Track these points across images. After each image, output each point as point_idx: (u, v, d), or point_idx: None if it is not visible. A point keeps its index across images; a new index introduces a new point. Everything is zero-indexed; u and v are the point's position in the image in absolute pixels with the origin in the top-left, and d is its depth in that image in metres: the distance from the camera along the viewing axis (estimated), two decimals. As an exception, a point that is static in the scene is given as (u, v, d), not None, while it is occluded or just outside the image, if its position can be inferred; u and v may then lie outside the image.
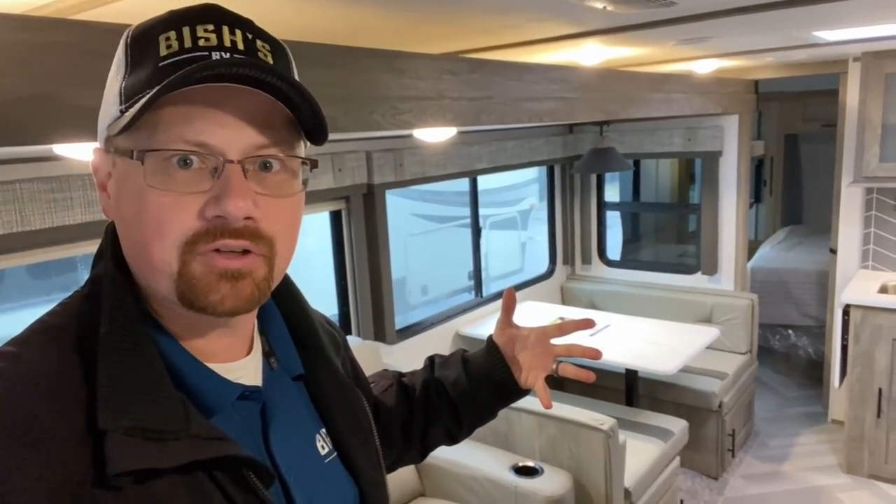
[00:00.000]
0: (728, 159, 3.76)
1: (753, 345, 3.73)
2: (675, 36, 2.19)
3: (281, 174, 0.59)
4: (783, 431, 3.81)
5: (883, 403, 3.13)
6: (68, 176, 1.73)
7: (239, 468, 0.58)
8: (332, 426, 0.73)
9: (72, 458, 0.51)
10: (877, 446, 3.19)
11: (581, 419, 2.28)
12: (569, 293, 4.26)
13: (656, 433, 2.76)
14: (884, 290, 3.31)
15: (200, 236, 0.55)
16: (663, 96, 2.71)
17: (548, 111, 1.92)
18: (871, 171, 3.26)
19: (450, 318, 3.47)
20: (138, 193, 0.55)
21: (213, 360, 0.62)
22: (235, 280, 0.57)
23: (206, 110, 0.55)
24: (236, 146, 0.56)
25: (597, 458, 2.25)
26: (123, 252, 0.60)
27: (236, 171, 0.56)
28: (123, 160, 0.57)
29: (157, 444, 0.53)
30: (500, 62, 1.77)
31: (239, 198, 0.55)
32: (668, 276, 4.08)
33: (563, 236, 4.25)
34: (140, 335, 0.58)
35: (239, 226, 0.56)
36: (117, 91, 0.57)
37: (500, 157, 3.51)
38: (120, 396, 0.54)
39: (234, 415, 0.63)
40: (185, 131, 0.55)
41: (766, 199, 6.35)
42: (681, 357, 2.86)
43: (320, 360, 0.75)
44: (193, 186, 0.55)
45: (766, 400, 4.19)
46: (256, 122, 0.57)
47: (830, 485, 3.24)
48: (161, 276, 0.57)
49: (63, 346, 0.56)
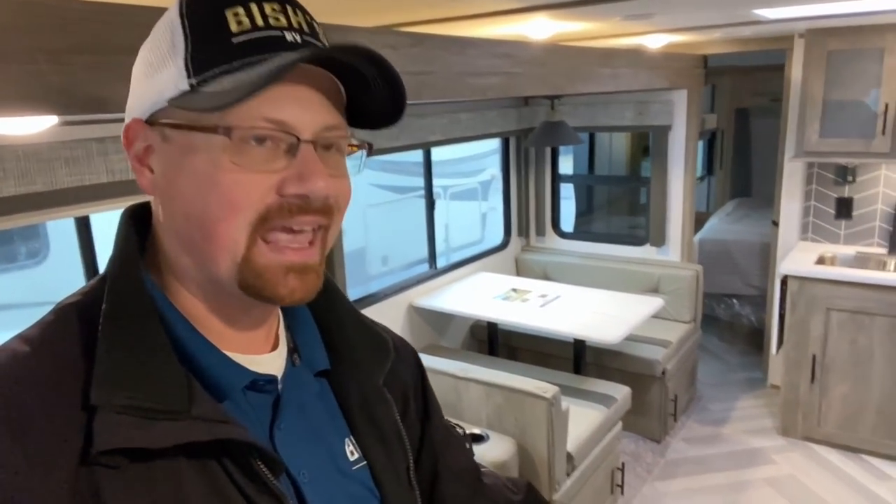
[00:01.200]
0: (677, 133, 3.83)
1: (697, 314, 3.87)
2: (620, 12, 2.22)
3: (337, 155, 0.61)
4: (724, 396, 3.98)
5: (816, 369, 3.29)
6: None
7: (245, 455, 0.57)
8: (357, 433, 0.71)
9: (70, 437, 0.51)
10: (810, 410, 3.36)
11: (525, 388, 2.36)
12: (523, 264, 4.33)
13: (600, 399, 2.86)
14: (821, 262, 3.46)
15: (274, 212, 0.55)
16: (611, 71, 2.74)
17: (491, 86, 1.93)
18: (811, 146, 3.37)
19: (404, 290, 3.50)
20: (210, 169, 0.55)
21: (229, 348, 0.61)
22: (303, 274, 0.58)
23: (284, 88, 0.55)
24: (310, 125, 0.57)
25: (540, 425, 2.33)
26: (168, 232, 0.59)
27: (311, 151, 0.56)
28: (186, 134, 0.55)
29: (150, 423, 0.53)
30: (442, 37, 1.78)
31: (321, 178, 0.56)
32: (619, 247, 4.18)
33: (517, 208, 4.30)
34: (145, 314, 0.57)
35: (320, 204, 0.57)
36: (182, 64, 0.55)
37: (453, 129, 3.52)
38: (117, 373, 0.53)
39: (244, 404, 0.61)
40: (264, 109, 0.54)
41: (716, 171, 6.51)
42: (625, 326, 2.96)
43: (348, 363, 0.72)
44: (269, 164, 0.55)
45: (710, 366, 4.36)
46: (326, 101, 0.58)
47: (766, 446, 3.41)
48: (225, 255, 0.56)
49: (72, 327, 0.56)
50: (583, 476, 2.56)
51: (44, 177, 1.77)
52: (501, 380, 2.41)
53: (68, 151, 1.82)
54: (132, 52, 1.06)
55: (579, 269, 4.08)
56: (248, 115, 0.54)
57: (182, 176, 0.56)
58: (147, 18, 1.05)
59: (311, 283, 0.59)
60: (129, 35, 1.05)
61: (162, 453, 0.53)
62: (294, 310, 0.71)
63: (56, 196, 1.82)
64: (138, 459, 0.52)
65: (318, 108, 0.57)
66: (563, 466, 2.44)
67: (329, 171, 0.58)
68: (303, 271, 0.58)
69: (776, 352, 3.57)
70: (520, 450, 2.36)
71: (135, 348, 0.55)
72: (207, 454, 0.55)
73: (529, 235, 4.41)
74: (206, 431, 0.54)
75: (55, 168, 1.78)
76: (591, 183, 6.01)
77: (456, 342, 3.84)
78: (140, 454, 0.52)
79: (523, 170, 4.27)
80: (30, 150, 1.72)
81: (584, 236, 4.48)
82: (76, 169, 1.82)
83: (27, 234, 3.89)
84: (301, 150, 0.56)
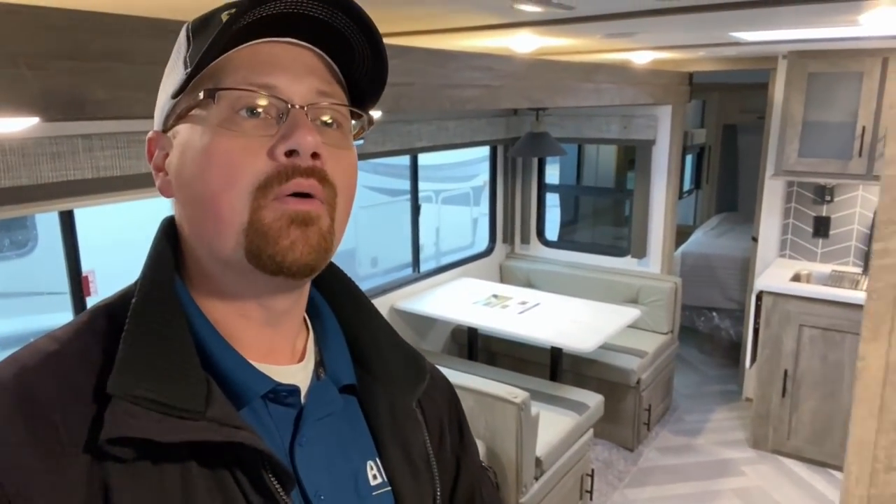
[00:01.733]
0: (661, 148, 3.90)
1: (675, 325, 3.93)
2: (601, 30, 2.28)
3: (338, 130, 0.60)
4: (699, 407, 4.04)
5: (788, 384, 3.36)
6: None
7: (257, 467, 0.56)
8: (383, 455, 0.67)
9: (84, 429, 0.51)
10: (780, 423, 3.43)
11: (496, 392, 2.41)
12: (507, 271, 4.38)
13: (573, 406, 2.92)
14: (797, 279, 3.53)
15: (273, 179, 0.55)
16: (593, 86, 2.80)
17: (470, 98, 1.99)
18: (790, 164, 3.44)
19: (387, 292, 3.56)
20: (206, 143, 0.56)
21: (252, 356, 0.61)
22: (305, 225, 0.56)
23: (271, 59, 0.57)
24: (299, 92, 0.57)
25: (509, 429, 2.39)
26: (184, 226, 0.60)
27: (301, 114, 0.56)
28: (188, 122, 0.57)
29: (163, 417, 0.52)
30: (423, 50, 1.83)
31: (307, 132, 0.55)
32: (601, 258, 4.24)
33: (503, 215, 4.36)
34: (172, 310, 0.57)
35: (308, 164, 0.56)
36: (181, 63, 0.58)
37: (440, 136, 3.58)
38: (137, 365, 0.53)
39: (265, 416, 0.60)
40: (251, 75, 0.56)
41: (703, 186, 6.58)
42: (600, 335, 3.02)
43: (381, 378, 0.69)
44: (261, 131, 0.56)
45: (687, 377, 4.42)
46: (316, 74, 0.59)
47: (736, 458, 3.47)
48: (229, 229, 0.56)
49: (100, 326, 0.57)
50: (551, 480, 2.61)
51: (28, 171, 1.81)
52: (473, 384, 2.46)
53: (54, 147, 1.86)
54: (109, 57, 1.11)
55: (562, 278, 4.14)
56: (235, 81, 0.56)
57: (185, 161, 0.57)
58: (123, 26, 1.11)
59: (313, 239, 0.57)
60: (107, 41, 1.10)
61: (173, 455, 0.52)
62: (323, 322, 0.69)
63: (40, 190, 1.87)
64: (148, 456, 0.52)
65: (308, 77, 0.58)
66: (532, 470, 2.49)
67: (326, 142, 0.57)
68: (306, 222, 0.56)
69: (749, 366, 3.63)
70: (489, 452, 2.42)
71: (157, 344, 0.55)
72: (219, 461, 0.54)
73: (514, 243, 4.47)
74: (218, 433, 0.53)
75: (40, 163, 1.82)
76: (576, 194, 6.07)
77: (437, 346, 3.90)
78: (150, 451, 0.51)
79: (510, 178, 4.33)
80: (15, 144, 1.76)
81: (567, 245, 4.54)
82: (60, 164, 1.86)
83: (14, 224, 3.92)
84: (291, 114, 0.56)
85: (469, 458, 0.78)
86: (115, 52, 1.14)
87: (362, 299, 0.72)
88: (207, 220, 0.57)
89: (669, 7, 1.69)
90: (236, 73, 0.56)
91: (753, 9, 1.95)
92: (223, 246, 0.57)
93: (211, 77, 0.57)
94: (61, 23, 1.06)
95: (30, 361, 0.54)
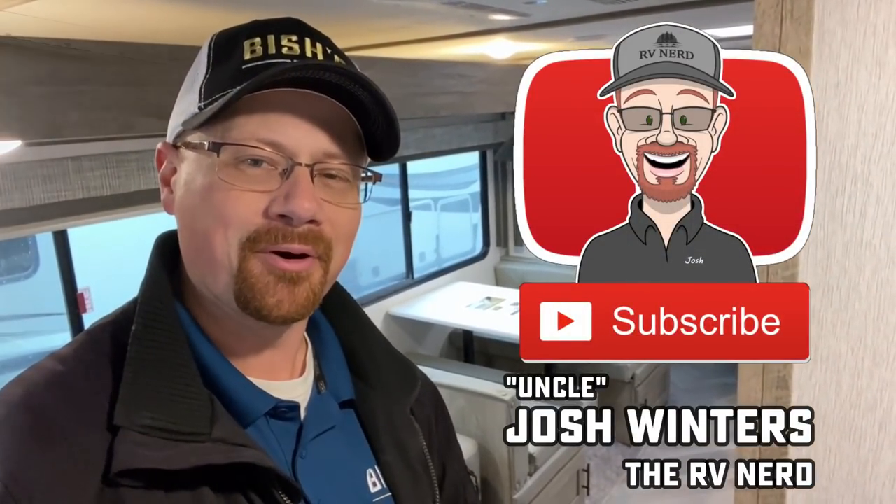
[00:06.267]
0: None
1: (670, 321, 3.96)
2: (572, 33, 2.34)
3: (344, 184, 0.60)
4: (697, 401, 4.07)
5: (781, 373, 3.38)
6: None
7: (267, 486, 0.56)
8: (382, 462, 0.69)
9: (96, 456, 0.51)
10: (776, 412, 3.46)
11: (486, 391, 2.46)
12: (502, 274, 4.44)
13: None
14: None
15: (262, 235, 0.56)
16: (571, 88, 2.86)
17: (444, 105, 2.06)
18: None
19: (381, 299, 3.62)
20: (207, 185, 0.56)
21: (253, 374, 0.61)
22: (294, 284, 0.57)
23: (283, 113, 0.56)
24: (307, 150, 0.57)
25: (500, 427, 2.44)
26: (182, 249, 0.61)
27: (305, 174, 0.56)
28: (195, 154, 0.58)
29: (171, 444, 0.53)
30: (392, 60, 1.90)
31: (305, 199, 0.55)
32: (595, 256, 4.27)
33: (496, 219, 4.41)
34: (173, 334, 0.58)
35: (302, 229, 0.56)
36: (198, 89, 0.58)
37: (428, 143, 3.63)
38: (141, 394, 0.54)
39: (268, 432, 0.61)
40: (259, 130, 0.56)
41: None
42: (591, 333, 3.06)
43: (377, 388, 0.71)
44: (261, 184, 0.56)
45: (686, 372, 4.45)
46: (328, 129, 0.58)
47: (734, 449, 3.49)
48: (221, 270, 0.56)
49: (104, 347, 0.58)
50: (545, 476, 2.66)
51: (21, 194, 1.89)
52: (463, 383, 2.52)
53: (45, 170, 1.94)
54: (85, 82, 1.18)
55: (557, 279, 4.17)
56: (241, 135, 0.56)
57: (188, 192, 0.58)
58: (98, 52, 1.18)
59: (301, 297, 0.57)
60: (82, 67, 1.18)
61: (186, 480, 0.53)
62: (322, 336, 0.70)
63: (33, 212, 1.94)
64: (160, 484, 0.52)
65: (318, 135, 0.57)
66: (525, 467, 2.54)
67: (327, 197, 0.58)
68: (294, 281, 0.57)
69: (744, 357, 3.66)
70: (481, 450, 2.47)
71: (160, 370, 0.56)
72: (231, 484, 0.55)
73: (508, 245, 4.52)
74: (225, 455, 0.54)
75: (32, 185, 1.90)
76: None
77: (434, 350, 3.95)
78: (162, 479, 0.52)
79: (501, 181, 4.39)
80: (7, 169, 1.84)
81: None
82: (52, 186, 1.94)
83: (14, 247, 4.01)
84: (294, 172, 0.56)
85: (455, 462, 0.80)
86: (91, 77, 1.22)
87: (358, 311, 0.74)
88: (203, 256, 0.58)
89: (632, 9, 1.74)
90: (245, 125, 0.56)
91: (723, 4, 2.01)
92: (215, 283, 0.58)
93: (220, 122, 0.57)
94: (37, 51, 1.13)
95: (39, 382, 0.54)
